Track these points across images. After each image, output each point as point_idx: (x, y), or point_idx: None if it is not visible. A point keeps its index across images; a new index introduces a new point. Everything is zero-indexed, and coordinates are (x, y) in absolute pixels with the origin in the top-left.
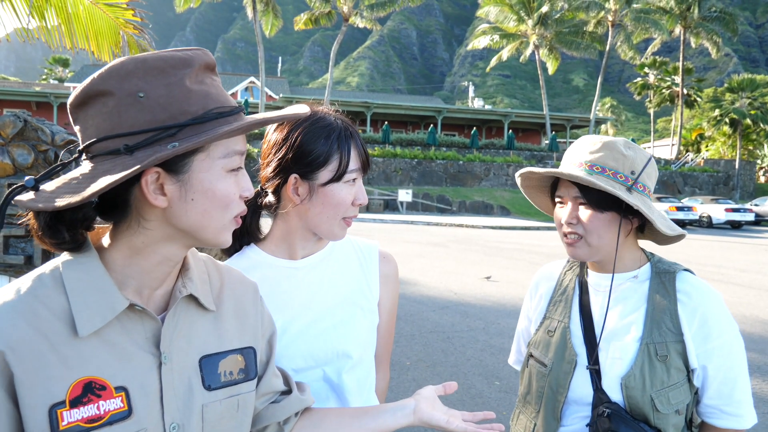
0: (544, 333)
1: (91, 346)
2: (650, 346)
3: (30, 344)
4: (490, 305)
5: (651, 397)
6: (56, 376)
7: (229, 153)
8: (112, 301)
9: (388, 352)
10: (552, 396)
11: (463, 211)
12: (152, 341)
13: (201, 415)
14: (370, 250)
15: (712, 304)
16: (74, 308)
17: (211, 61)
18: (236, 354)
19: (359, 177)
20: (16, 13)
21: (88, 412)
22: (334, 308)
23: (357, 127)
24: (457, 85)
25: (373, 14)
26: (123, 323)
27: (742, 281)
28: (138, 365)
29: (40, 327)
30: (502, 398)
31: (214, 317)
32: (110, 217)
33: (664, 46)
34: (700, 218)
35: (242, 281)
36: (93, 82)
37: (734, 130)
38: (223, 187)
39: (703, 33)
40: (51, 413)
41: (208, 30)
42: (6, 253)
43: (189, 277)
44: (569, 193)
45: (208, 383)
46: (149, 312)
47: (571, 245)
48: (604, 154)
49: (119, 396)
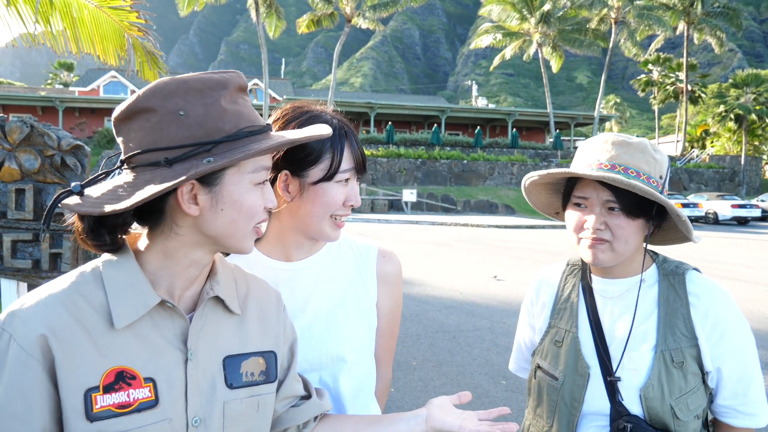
0: (551, 343)
1: (125, 338)
2: (666, 354)
3: (70, 331)
4: (496, 304)
5: (671, 406)
6: (92, 363)
7: (257, 168)
8: (146, 297)
9: (389, 353)
10: (566, 410)
11: (467, 211)
12: (180, 338)
13: (222, 411)
14: (368, 249)
15: (723, 305)
16: (111, 303)
17: (244, 83)
18: (258, 356)
19: (353, 178)
20: (22, 19)
21: (119, 399)
22: (328, 312)
23: (361, 127)
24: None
25: (375, 15)
26: (154, 319)
27: (750, 278)
28: (166, 359)
29: (80, 317)
30: (508, 397)
31: (238, 320)
32: (146, 223)
33: (668, 43)
34: (706, 215)
35: (267, 289)
36: (138, 99)
37: (739, 126)
38: (250, 199)
39: (707, 29)
40: (86, 396)
41: (211, 32)
42: (14, 258)
43: (217, 280)
44: (599, 196)
45: (230, 381)
46: (179, 310)
47: (594, 249)
48: (638, 156)
49: (147, 386)
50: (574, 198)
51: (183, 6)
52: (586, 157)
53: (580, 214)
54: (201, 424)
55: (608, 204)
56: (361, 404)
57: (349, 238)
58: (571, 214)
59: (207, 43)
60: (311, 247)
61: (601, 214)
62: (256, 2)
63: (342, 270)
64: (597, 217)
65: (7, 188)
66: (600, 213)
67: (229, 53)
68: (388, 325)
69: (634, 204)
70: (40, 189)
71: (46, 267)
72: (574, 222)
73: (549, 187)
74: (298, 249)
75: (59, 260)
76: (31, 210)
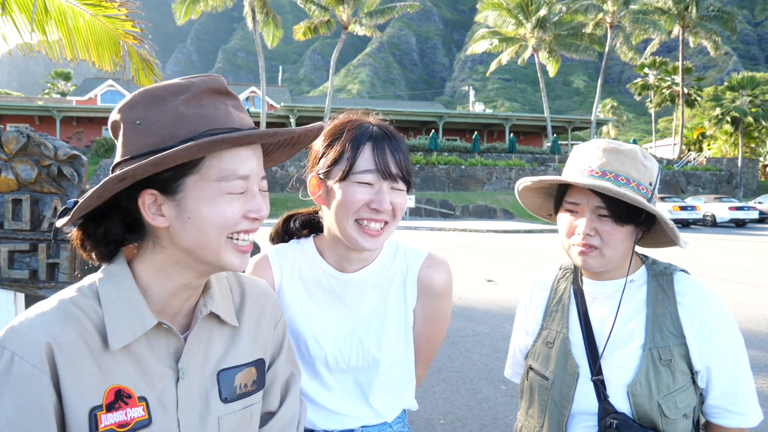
0: (542, 345)
1: (121, 357)
2: (653, 351)
3: (74, 347)
4: (495, 309)
5: (658, 404)
6: (95, 381)
7: (226, 177)
8: (142, 319)
9: (425, 355)
10: (556, 409)
11: (466, 216)
12: (173, 357)
13: (218, 426)
14: (416, 255)
15: (710, 304)
16: (107, 323)
17: (218, 86)
18: (251, 366)
19: (377, 182)
20: (17, 28)
21: (119, 418)
22: (370, 317)
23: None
24: (457, 90)
25: (372, 21)
26: (149, 339)
27: (748, 279)
28: (157, 379)
29: (83, 334)
30: (508, 402)
31: (233, 332)
32: (133, 236)
33: (663, 46)
34: (704, 217)
35: (265, 294)
36: (113, 114)
37: (736, 129)
38: (217, 208)
39: (702, 32)
40: (91, 415)
41: (208, 41)
42: (11, 268)
43: (210, 296)
44: (589, 202)
45: (224, 396)
46: (174, 331)
47: (584, 255)
48: (627, 163)
49: (141, 405)
50: (566, 204)
51: (180, 15)
52: (578, 163)
53: (572, 219)
54: None
55: (598, 210)
56: (396, 404)
57: (402, 244)
58: (562, 218)
59: (204, 52)
60: (364, 258)
61: (591, 219)
62: (252, 10)
63: (390, 278)
64: (587, 222)
65: (3, 198)
66: (590, 219)
67: (227, 61)
68: (424, 329)
69: (623, 211)
70: (37, 199)
71: (44, 277)
72: (566, 227)
73: (542, 191)
74: (348, 262)
75: (57, 270)
76: (28, 220)
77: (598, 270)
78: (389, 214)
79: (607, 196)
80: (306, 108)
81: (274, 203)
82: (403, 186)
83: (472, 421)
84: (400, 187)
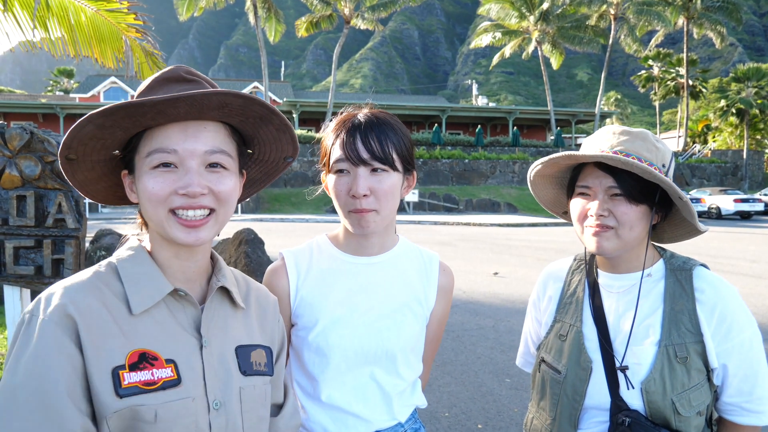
0: (555, 337)
1: (144, 323)
2: (669, 348)
3: (96, 313)
4: (499, 303)
5: (672, 401)
6: (117, 343)
7: (151, 152)
8: (160, 285)
9: (432, 356)
10: (568, 403)
11: (470, 210)
12: (194, 326)
13: (239, 396)
14: (432, 259)
15: (730, 301)
16: (128, 290)
17: (171, 74)
18: (261, 349)
19: (351, 168)
20: (20, 25)
21: (144, 377)
22: (393, 311)
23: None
24: (460, 84)
25: (374, 15)
26: (169, 307)
27: (753, 272)
28: (183, 344)
29: (105, 301)
30: (513, 395)
31: (244, 314)
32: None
33: (668, 38)
34: (709, 209)
35: (266, 292)
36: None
37: (741, 120)
38: (144, 183)
39: (707, 23)
40: (114, 374)
41: (210, 36)
42: (16, 264)
43: (223, 274)
44: (601, 183)
45: (243, 369)
46: (191, 298)
47: (600, 238)
48: (638, 144)
49: (169, 366)
50: (578, 188)
51: (182, 11)
52: (590, 148)
53: (584, 202)
54: (221, 408)
55: (611, 191)
56: (407, 400)
57: (413, 244)
58: (575, 203)
59: (206, 47)
60: (381, 244)
61: (604, 200)
62: (254, 6)
63: (409, 273)
64: (600, 203)
65: (8, 195)
66: (603, 200)
67: (229, 57)
68: (436, 331)
69: (636, 189)
70: (41, 195)
71: (49, 273)
72: (578, 210)
73: (554, 180)
74: (364, 248)
75: (62, 266)
76: (33, 216)
77: (612, 254)
78: (371, 200)
79: (619, 174)
80: (309, 103)
81: (278, 198)
82: (385, 168)
83: (477, 413)
84: (382, 170)
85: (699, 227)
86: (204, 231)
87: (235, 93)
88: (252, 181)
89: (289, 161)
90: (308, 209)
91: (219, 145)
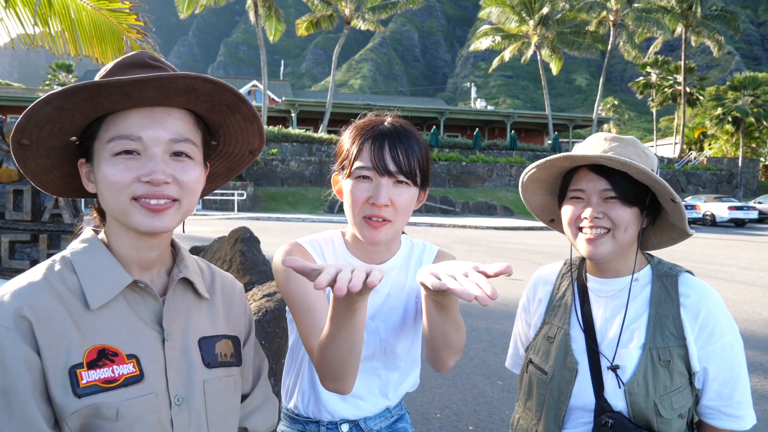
0: (543, 339)
1: (103, 318)
2: (653, 352)
3: (51, 311)
4: (492, 305)
5: (654, 403)
6: (74, 342)
7: (113, 138)
8: (118, 277)
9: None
10: (554, 404)
11: (466, 212)
12: (155, 319)
13: (203, 390)
14: (430, 251)
15: (713, 306)
16: (84, 284)
17: (134, 60)
18: (228, 339)
19: (375, 177)
20: (20, 20)
21: (104, 374)
22: (395, 308)
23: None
24: (459, 87)
25: (374, 16)
26: (128, 301)
27: (746, 279)
28: (144, 338)
29: (59, 298)
30: (504, 398)
31: (208, 305)
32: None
33: (666, 45)
34: (704, 216)
35: (232, 280)
36: None
37: (737, 128)
38: (105, 171)
39: (705, 31)
40: (71, 373)
41: (210, 34)
42: (12, 258)
43: (185, 264)
44: (595, 186)
45: (207, 361)
46: (151, 290)
47: (595, 241)
48: (629, 149)
49: (131, 362)
50: (571, 192)
51: (182, 8)
52: (586, 150)
53: (577, 207)
54: (183, 403)
55: (605, 193)
56: (402, 390)
57: (416, 241)
58: (567, 208)
59: (206, 45)
60: (387, 249)
61: (598, 203)
62: (255, 4)
63: (411, 271)
64: (594, 207)
65: (5, 189)
66: (597, 202)
67: (228, 55)
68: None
69: (629, 191)
70: (38, 190)
71: None
72: (570, 214)
73: (545, 186)
74: (372, 254)
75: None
76: (29, 211)
77: (607, 257)
78: (390, 211)
79: (613, 177)
80: (307, 102)
81: (274, 197)
82: (407, 182)
83: (468, 415)
84: (405, 183)
85: (687, 230)
86: (167, 217)
87: (203, 77)
88: (214, 176)
89: (254, 154)
90: (305, 209)
91: (184, 134)
